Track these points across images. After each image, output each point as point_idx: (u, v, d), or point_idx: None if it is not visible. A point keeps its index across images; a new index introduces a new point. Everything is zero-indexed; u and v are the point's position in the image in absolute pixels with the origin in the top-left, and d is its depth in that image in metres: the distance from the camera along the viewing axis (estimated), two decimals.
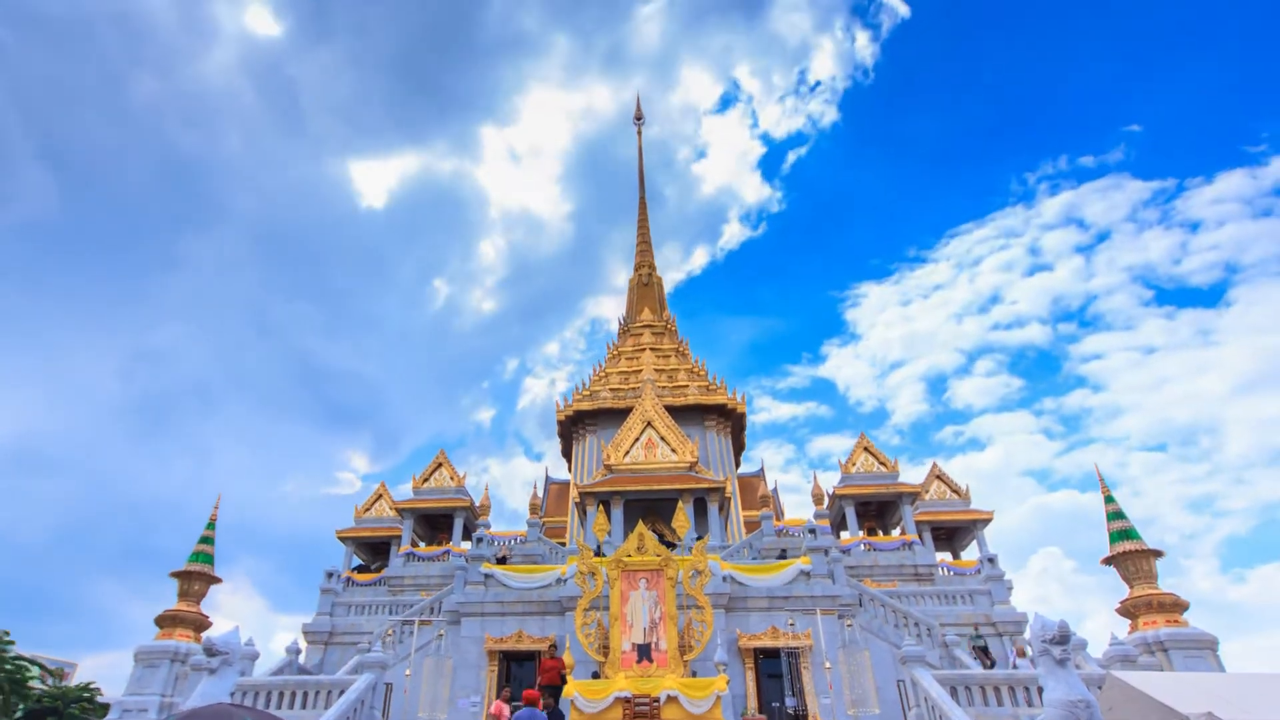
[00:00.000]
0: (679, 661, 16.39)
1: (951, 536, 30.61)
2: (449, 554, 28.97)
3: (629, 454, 30.93)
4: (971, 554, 29.61)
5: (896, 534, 29.31)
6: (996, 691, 15.59)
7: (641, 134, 59.36)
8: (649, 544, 17.97)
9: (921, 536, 28.20)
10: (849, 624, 18.64)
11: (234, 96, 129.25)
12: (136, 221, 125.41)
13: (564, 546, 29.33)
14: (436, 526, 32.40)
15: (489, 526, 29.66)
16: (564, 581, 20.12)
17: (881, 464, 30.00)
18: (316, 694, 17.14)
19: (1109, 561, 22.22)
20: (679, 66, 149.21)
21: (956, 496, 30.02)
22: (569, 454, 42.53)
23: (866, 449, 30.50)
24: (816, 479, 29.48)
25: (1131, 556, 21.79)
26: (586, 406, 40.33)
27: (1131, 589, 21.58)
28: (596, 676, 16.50)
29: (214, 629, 23.17)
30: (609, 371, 42.90)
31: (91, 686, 27.42)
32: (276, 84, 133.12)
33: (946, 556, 30.39)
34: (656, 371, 40.02)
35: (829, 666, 16.75)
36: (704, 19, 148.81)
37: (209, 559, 24.58)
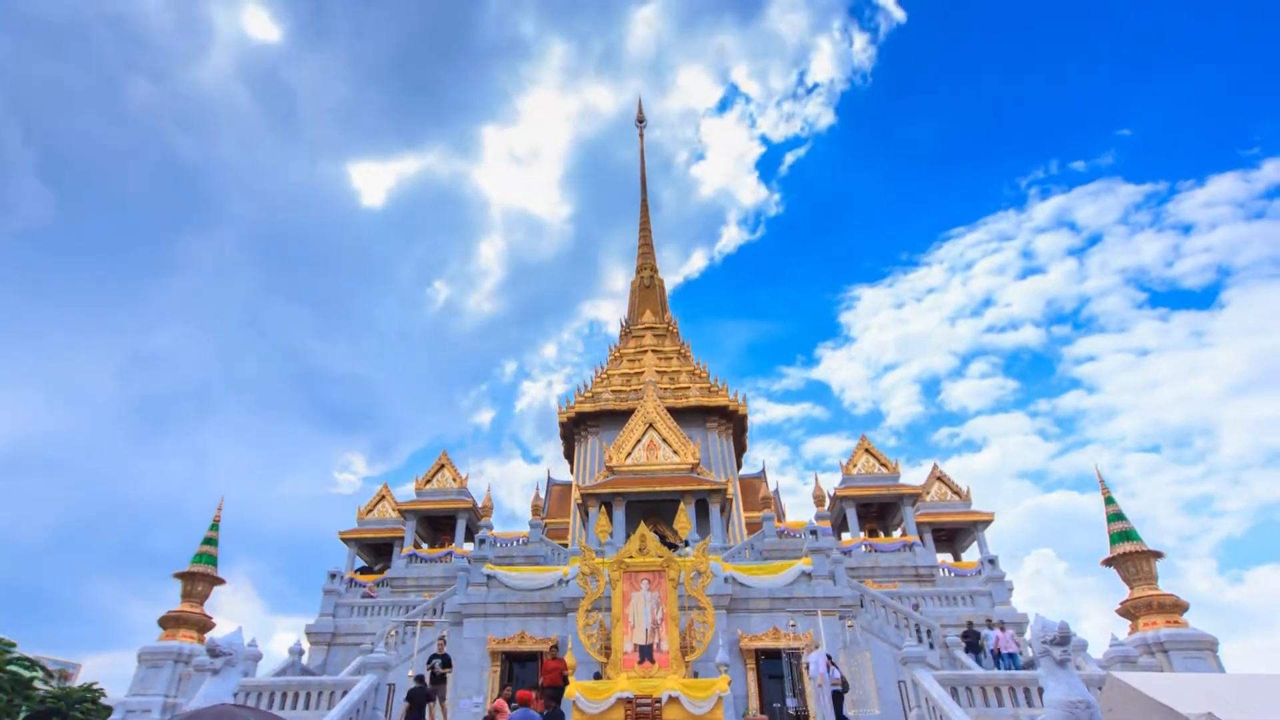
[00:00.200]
0: (681, 662, 16.44)
1: (952, 538, 30.65)
2: (451, 555, 29.06)
3: (631, 455, 30.98)
4: (972, 555, 29.64)
5: (898, 535, 29.35)
6: (997, 692, 15.64)
7: (643, 136, 59.53)
8: (651, 545, 18.04)
9: (922, 538, 28.25)
10: (850, 625, 18.68)
11: (231, 100, 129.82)
12: (135, 225, 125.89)
13: (566, 548, 29.36)
14: (439, 528, 32.48)
15: (491, 528, 29.74)
16: (566, 582, 20.16)
17: (883, 465, 30.04)
18: (319, 694, 17.21)
19: (1109, 563, 22.21)
20: (676, 69, 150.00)
21: (957, 498, 30.05)
22: (570, 456, 42.55)
23: (868, 450, 30.54)
24: (818, 480, 29.58)
25: (1132, 558, 21.80)
26: (588, 408, 40.37)
27: (1132, 590, 21.58)
28: (599, 677, 16.55)
29: (216, 630, 23.23)
30: (610, 373, 42.94)
31: (95, 687, 27.47)
32: (274, 87, 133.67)
33: (947, 558, 30.42)
34: (658, 373, 40.07)
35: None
36: (699, 20, 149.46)
37: (213, 560, 24.62)
